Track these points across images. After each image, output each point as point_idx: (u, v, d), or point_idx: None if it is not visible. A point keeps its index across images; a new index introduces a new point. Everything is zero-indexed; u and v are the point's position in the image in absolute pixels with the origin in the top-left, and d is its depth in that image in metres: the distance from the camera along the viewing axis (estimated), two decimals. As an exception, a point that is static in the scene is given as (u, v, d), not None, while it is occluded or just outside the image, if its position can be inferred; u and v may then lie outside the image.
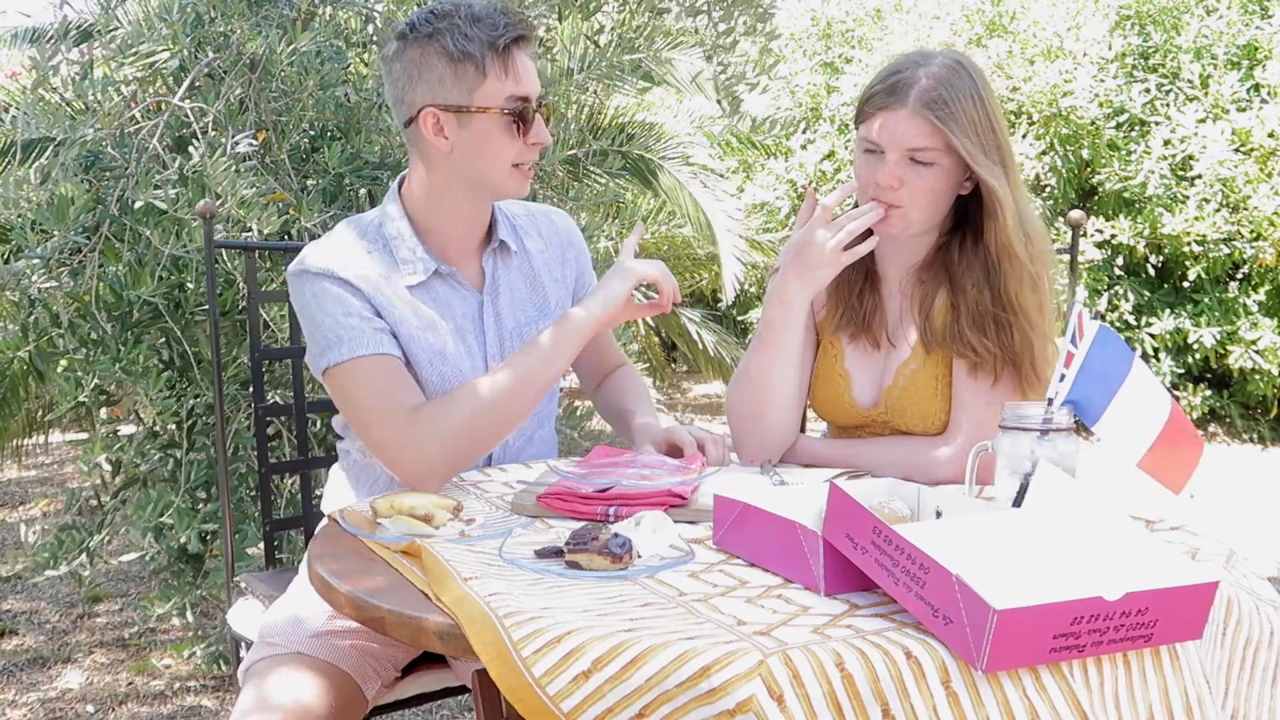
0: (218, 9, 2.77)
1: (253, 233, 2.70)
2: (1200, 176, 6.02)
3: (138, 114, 2.79)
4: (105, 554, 3.03)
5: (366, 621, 1.15)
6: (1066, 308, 1.61)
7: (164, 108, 2.80)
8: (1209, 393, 6.39)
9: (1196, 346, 6.17)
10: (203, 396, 2.76)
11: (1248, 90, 6.16)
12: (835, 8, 7.44)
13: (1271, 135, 5.96)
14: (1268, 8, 6.37)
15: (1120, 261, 6.38)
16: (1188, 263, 6.19)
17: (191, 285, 2.72)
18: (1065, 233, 5.93)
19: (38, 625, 3.54)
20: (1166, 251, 6.27)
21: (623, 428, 1.92)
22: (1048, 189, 6.37)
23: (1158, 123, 6.18)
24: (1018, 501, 1.27)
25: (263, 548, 2.18)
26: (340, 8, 3.06)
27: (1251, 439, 6.45)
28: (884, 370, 1.77)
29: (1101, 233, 6.23)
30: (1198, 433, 1.36)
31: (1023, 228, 1.65)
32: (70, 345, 2.68)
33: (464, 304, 1.74)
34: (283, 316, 2.72)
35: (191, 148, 2.66)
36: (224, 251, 2.69)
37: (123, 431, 2.97)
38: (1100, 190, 6.39)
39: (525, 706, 0.98)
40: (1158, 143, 6.10)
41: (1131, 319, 6.32)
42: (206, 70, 2.81)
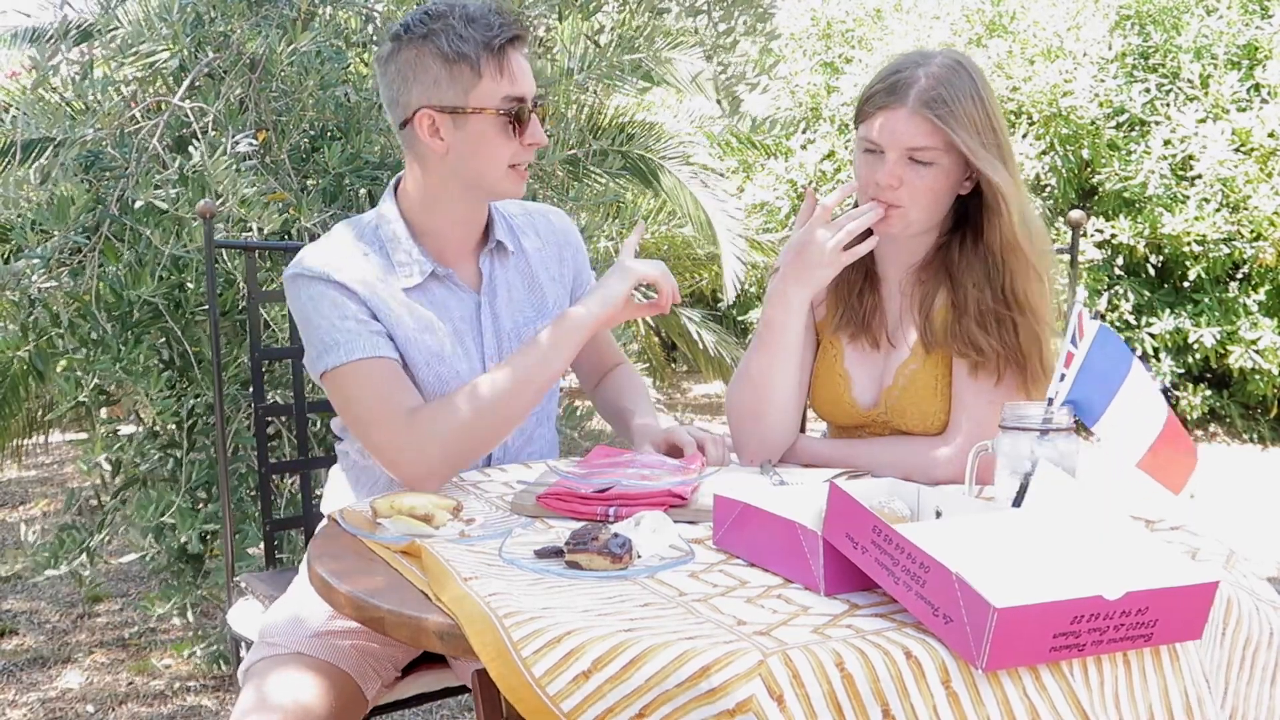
0: (218, 9, 2.77)
1: (253, 232, 2.70)
2: (1200, 176, 6.03)
3: (138, 114, 2.79)
4: (105, 554, 3.03)
5: (366, 621, 1.15)
6: (1066, 308, 1.61)
7: (164, 108, 2.80)
8: (1209, 393, 6.39)
9: (1196, 346, 6.17)
10: (203, 396, 2.76)
11: (1248, 90, 6.16)
12: (835, 8, 7.44)
13: (1271, 135, 5.96)
14: (1268, 8, 6.37)
15: (1120, 261, 6.38)
16: (1188, 263, 6.19)
17: (192, 285, 2.72)
18: (1065, 233, 5.93)
19: (38, 625, 3.54)
20: (1166, 251, 6.27)
21: (622, 427, 1.92)
22: (1048, 189, 6.37)
23: (1158, 123, 6.18)
24: (1018, 501, 1.27)
25: (263, 548, 2.18)
26: (340, 8, 3.05)
27: (1251, 439, 6.45)
28: (884, 370, 1.77)
29: (1101, 233, 6.23)
30: (1191, 441, 1.36)
31: (1026, 224, 1.66)
32: (70, 345, 2.68)
33: (461, 305, 1.74)
34: (283, 316, 2.72)
35: (191, 148, 2.66)
36: (224, 251, 2.69)
37: (123, 431, 2.97)
38: (1100, 190, 6.39)
39: (525, 706, 0.98)
40: (1158, 143, 6.10)
41: (1131, 319, 6.32)
42: (206, 70, 2.81)
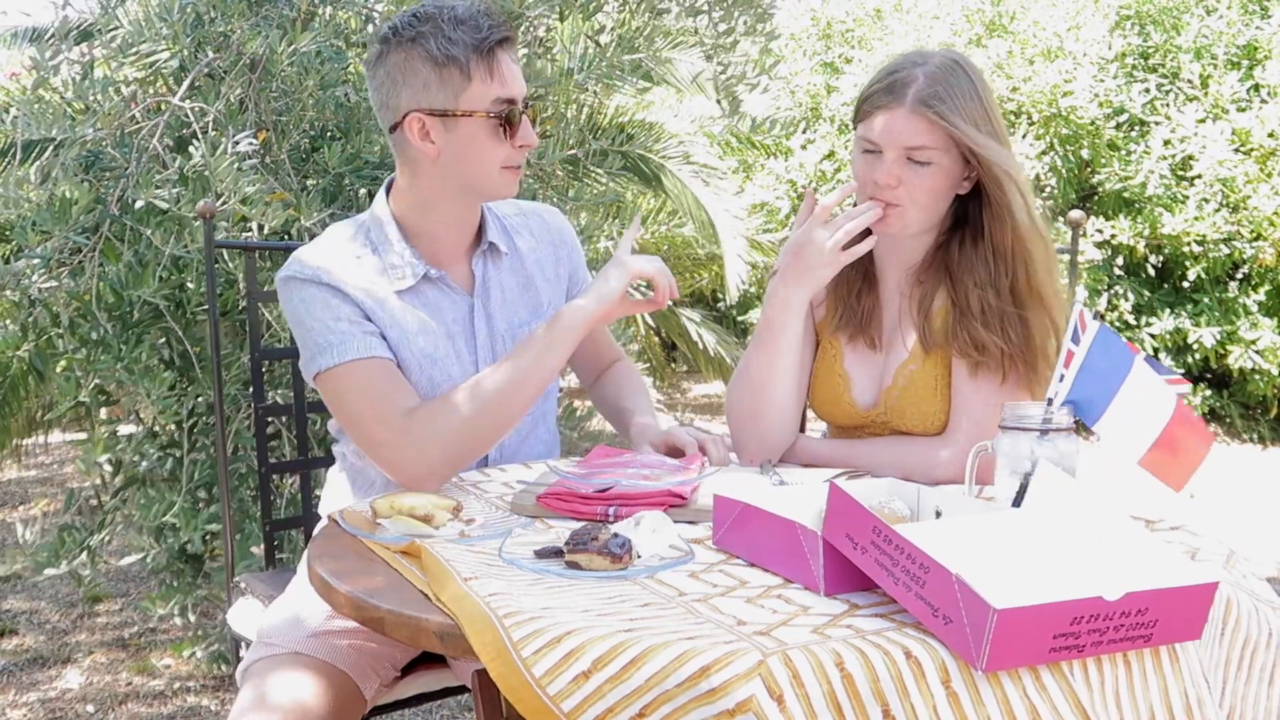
0: (218, 9, 2.77)
1: (253, 232, 2.70)
2: (1200, 176, 6.03)
3: (138, 114, 2.79)
4: (105, 554, 3.03)
5: (366, 621, 1.15)
6: (1067, 308, 1.61)
7: (164, 108, 2.79)
8: (1209, 393, 6.39)
9: (1196, 346, 6.17)
10: (204, 396, 2.76)
11: (1248, 90, 6.16)
12: (835, 8, 7.44)
13: (1271, 135, 5.96)
14: (1268, 8, 6.37)
15: (1120, 261, 6.38)
16: (1188, 263, 6.19)
17: (192, 285, 2.72)
18: (1065, 233, 5.91)
19: (38, 625, 3.54)
20: (1166, 251, 6.27)
21: (621, 427, 1.91)
22: (1048, 189, 6.37)
23: (1158, 123, 6.18)
24: (1018, 501, 1.27)
25: (263, 548, 2.18)
26: (340, 8, 3.05)
27: (1251, 439, 6.45)
28: (883, 371, 1.77)
29: (1101, 233, 6.23)
30: (1206, 428, 1.35)
31: (1034, 214, 1.65)
32: (70, 345, 2.68)
33: (454, 307, 1.73)
34: (283, 316, 2.72)
35: (192, 148, 2.66)
36: (224, 251, 2.69)
37: (122, 431, 2.96)
38: (1100, 190, 6.39)
39: (525, 706, 0.98)
40: (1158, 143, 6.10)
41: (1131, 319, 6.32)
42: (206, 70, 2.81)
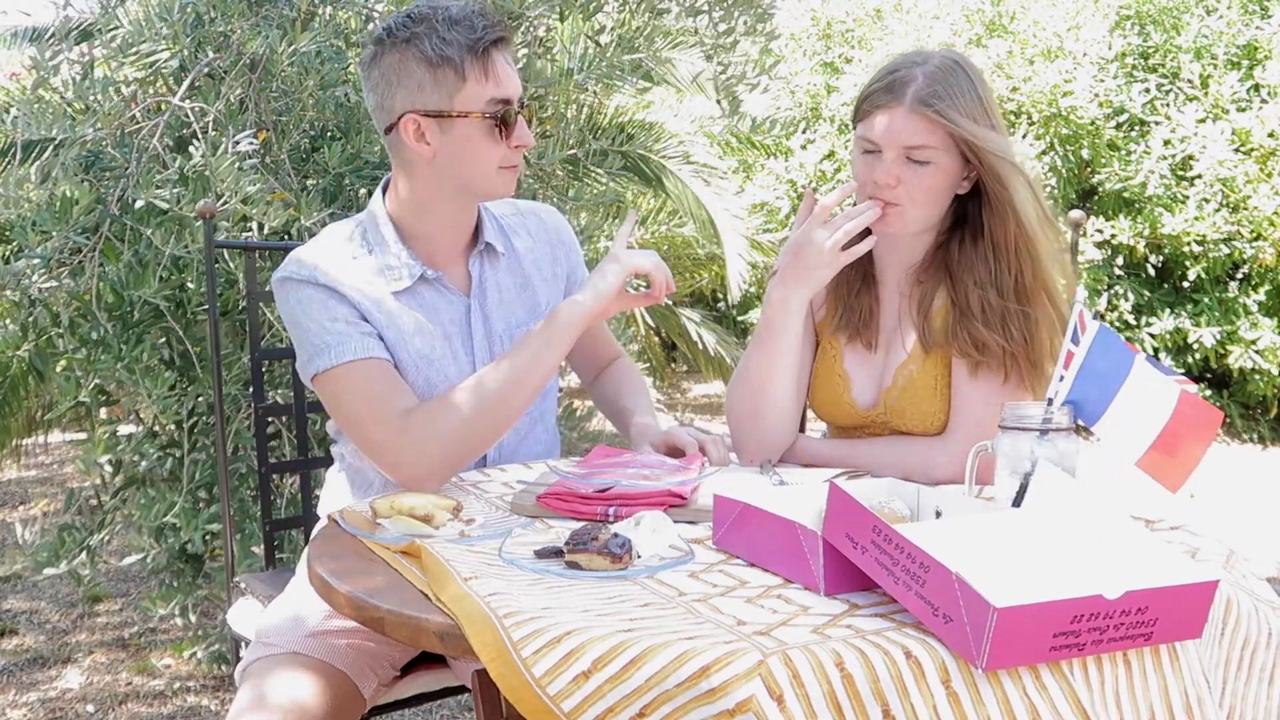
0: (218, 9, 2.77)
1: (253, 231, 2.70)
2: (1200, 176, 6.03)
3: (138, 114, 2.79)
4: (105, 554, 3.03)
5: (366, 621, 1.15)
6: (1067, 308, 1.61)
7: (164, 108, 2.79)
8: (1209, 393, 6.39)
9: (1196, 346, 6.17)
10: (204, 396, 2.76)
11: (1248, 90, 6.16)
12: (835, 8, 7.45)
13: (1271, 135, 5.96)
14: (1268, 8, 6.37)
15: (1120, 261, 6.38)
16: (1188, 263, 6.19)
17: (193, 285, 2.72)
18: (1065, 233, 5.92)
19: (38, 625, 3.54)
20: (1166, 251, 6.27)
21: (621, 426, 1.91)
22: (1048, 189, 6.36)
23: (1158, 123, 6.18)
24: (1018, 501, 1.27)
25: (263, 548, 2.18)
26: (340, 8, 3.05)
27: (1251, 439, 6.45)
28: (883, 371, 1.77)
29: (1101, 233, 6.23)
30: (1211, 423, 1.33)
31: (1038, 208, 1.65)
32: (70, 345, 2.68)
33: (451, 308, 1.73)
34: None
35: (192, 148, 2.66)
36: (225, 251, 2.69)
37: (122, 431, 2.96)
38: (1100, 190, 6.39)
39: (525, 706, 0.98)
40: (1158, 143, 6.10)
41: (1131, 319, 6.32)
42: (206, 70, 2.81)
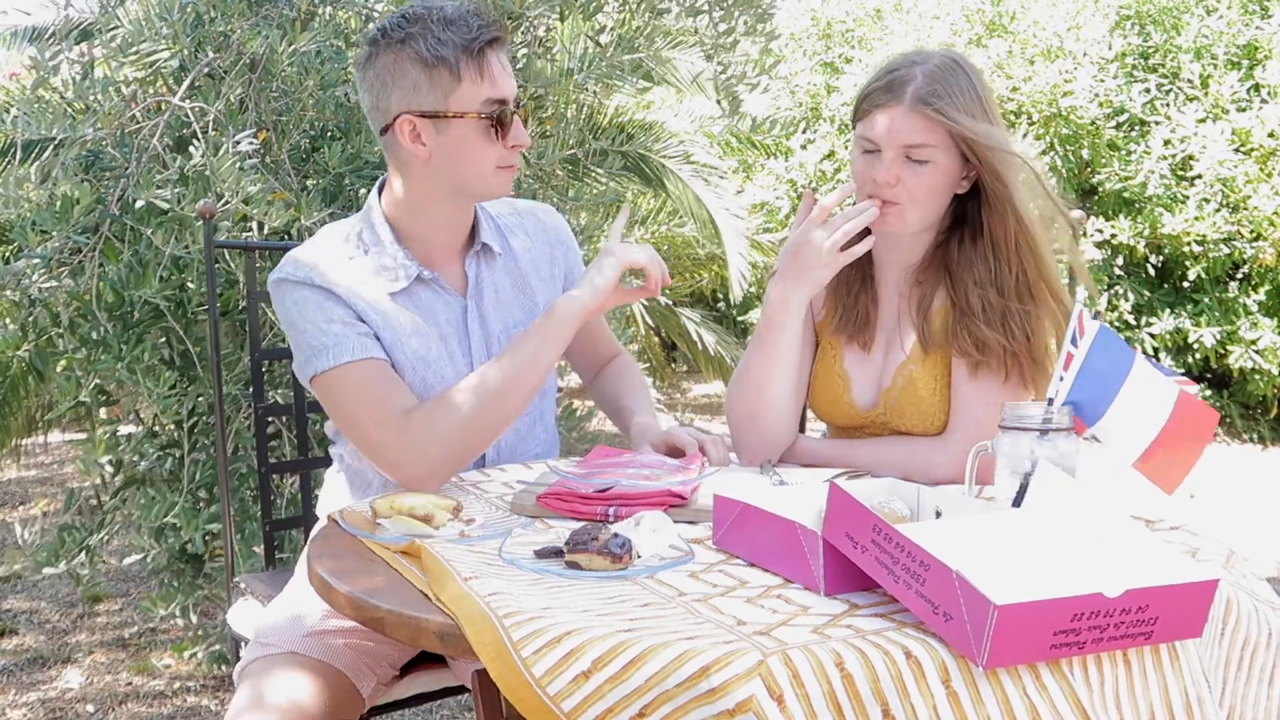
0: (218, 9, 2.77)
1: (253, 231, 2.70)
2: (1200, 176, 6.03)
3: (138, 114, 2.79)
4: (105, 554, 3.03)
5: (366, 621, 1.15)
6: (1071, 302, 1.61)
7: (164, 108, 2.79)
8: (1209, 393, 6.39)
9: (1196, 346, 6.17)
10: (205, 396, 2.76)
11: (1248, 90, 6.16)
12: (835, 8, 7.45)
13: (1271, 135, 5.96)
14: (1268, 8, 6.37)
15: (1120, 261, 6.38)
16: (1188, 263, 6.19)
17: (193, 285, 2.72)
18: (1066, 234, 5.92)
19: (38, 625, 3.54)
20: (1166, 251, 6.27)
21: (621, 426, 1.91)
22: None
23: (1158, 123, 6.18)
24: (1018, 501, 1.27)
25: (263, 548, 2.18)
26: (340, 8, 3.05)
27: (1251, 439, 6.45)
28: (882, 371, 1.77)
29: (1101, 233, 6.23)
30: (1208, 424, 1.34)
31: (1033, 207, 1.66)
32: (70, 345, 2.68)
33: (447, 309, 1.73)
34: (282, 317, 2.71)
35: (192, 148, 2.66)
36: (225, 251, 2.69)
37: (122, 431, 2.96)
38: (1100, 190, 6.39)
39: (525, 706, 0.98)
40: (1158, 143, 6.10)
41: (1131, 319, 6.32)
42: (206, 70, 2.81)
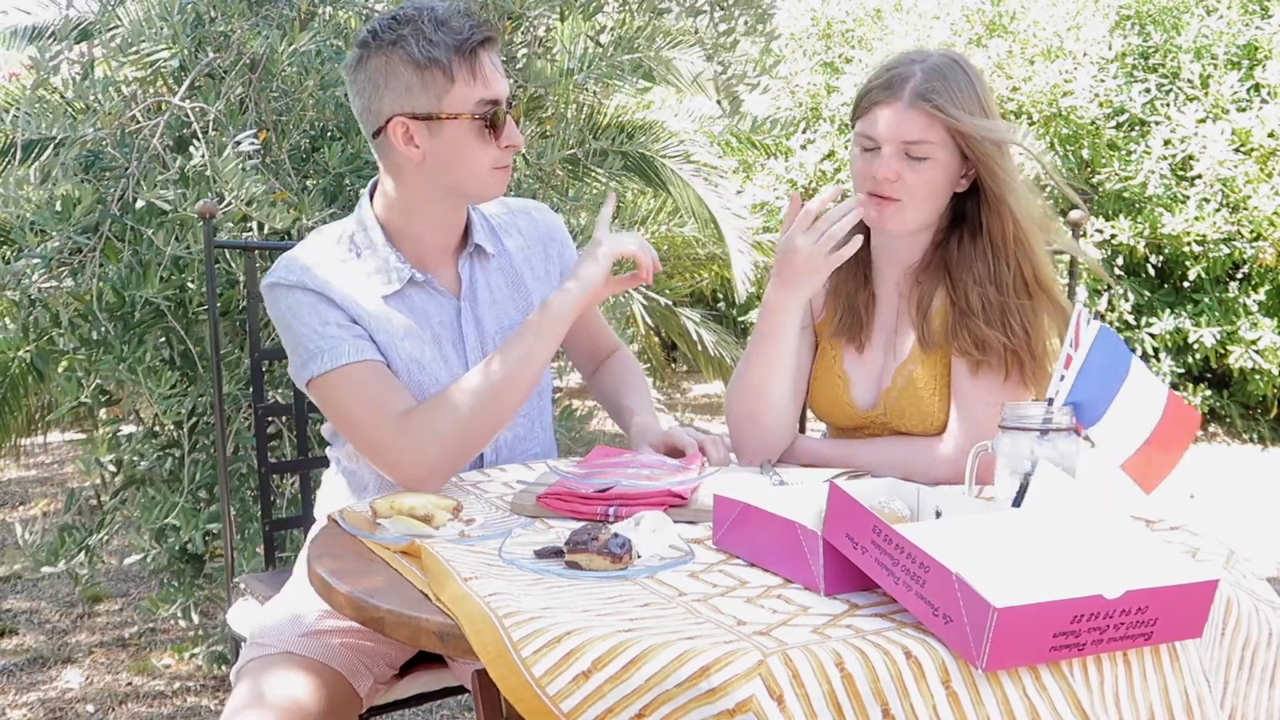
0: (218, 9, 2.77)
1: (253, 232, 2.70)
2: (1200, 176, 6.02)
3: (138, 114, 2.79)
4: (105, 554, 3.03)
5: (366, 621, 1.15)
6: (1067, 301, 1.61)
7: (164, 108, 2.79)
8: (1209, 393, 6.39)
9: (1196, 346, 6.17)
10: (205, 396, 2.76)
11: (1248, 90, 6.15)
12: (835, 8, 7.44)
13: (1271, 135, 5.96)
14: (1268, 8, 6.37)
15: (1120, 261, 6.38)
16: (1188, 263, 6.19)
17: (194, 285, 2.72)
18: (1065, 233, 5.92)
19: (38, 625, 3.54)
20: (1166, 251, 6.27)
21: (621, 425, 1.91)
22: (1048, 189, 6.36)
23: (1158, 123, 6.18)
24: (1018, 501, 1.27)
25: (263, 548, 2.18)
26: (340, 8, 3.05)
27: (1251, 439, 6.45)
28: (882, 371, 1.77)
29: (1101, 233, 6.23)
30: (1193, 417, 1.34)
31: (1031, 204, 1.66)
32: (71, 345, 2.68)
33: (441, 311, 1.72)
34: (280, 318, 2.71)
35: (192, 147, 2.66)
36: (226, 251, 2.69)
37: (123, 431, 2.96)
38: (1100, 190, 6.39)
39: (525, 706, 0.98)
40: (1158, 143, 6.10)
41: (1131, 319, 6.32)
42: (206, 70, 2.80)
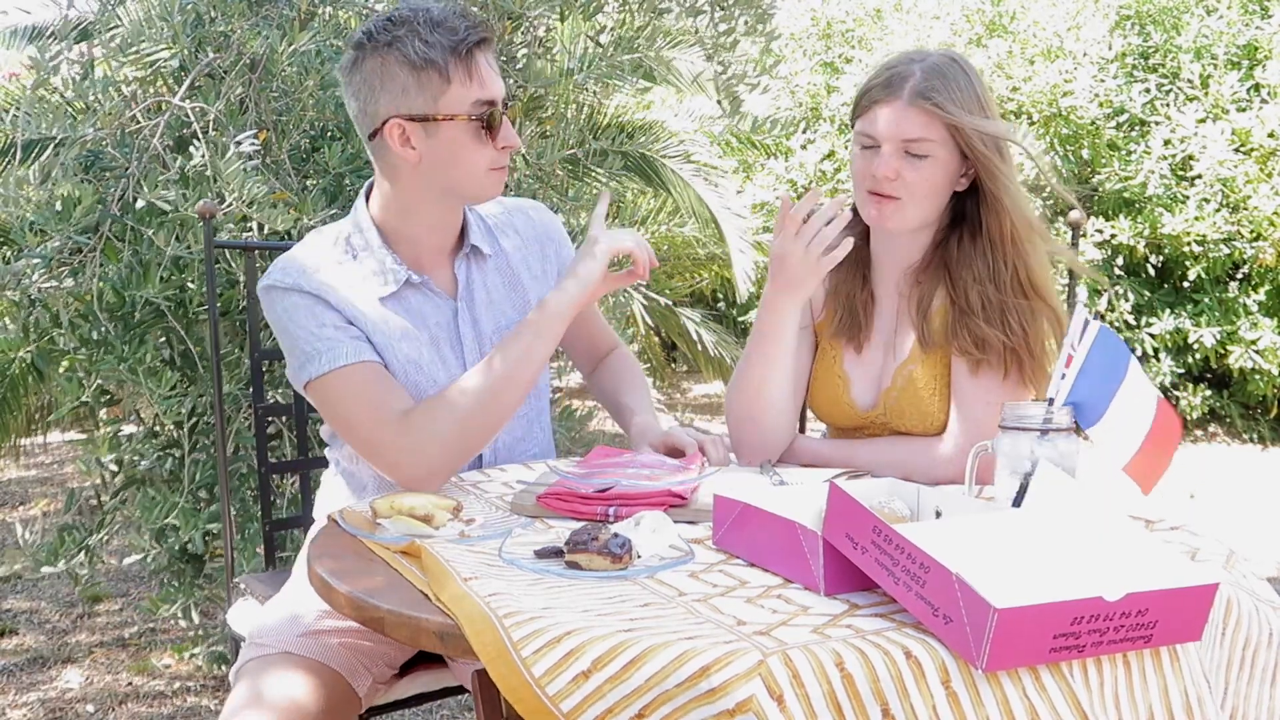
0: (218, 9, 2.77)
1: (254, 232, 2.70)
2: (1200, 176, 6.02)
3: (138, 114, 2.79)
4: (105, 554, 3.03)
5: (366, 621, 1.15)
6: (1067, 308, 1.61)
7: (164, 108, 2.79)
8: (1209, 393, 6.39)
9: (1196, 346, 6.17)
10: (206, 396, 2.76)
11: (1248, 90, 6.15)
12: (835, 8, 7.44)
13: (1271, 135, 5.96)
14: (1268, 8, 6.37)
15: (1120, 261, 6.38)
16: (1188, 263, 6.19)
17: (194, 285, 2.72)
18: (1065, 233, 5.93)
19: (38, 625, 3.54)
20: (1166, 251, 6.27)
21: (621, 425, 1.91)
22: (1048, 189, 6.37)
23: (1158, 123, 6.18)
24: (1018, 501, 1.27)
25: (263, 548, 2.18)
26: (340, 8, 3.05)
27: (1251, 439, 6.45)
28: (882, 372, 1.77)
29: (1101, 233, 6.23)
30: (1178, 423, 1.35)
31: (1029, 206, 1.67)
32: (71, 345, 2.68)
33: (438, 312, 1.72)
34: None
35: (192, 148, 2.66)
36: (226, 251, 2.69)
37: (123, 431, 2.96)
38: (1100, 190, 6.39)
39: (525, 706, 0.98)
40: (1158, 143, 6.09)
41: (1131, 319, 6.32)
42: (206, 70, 2.80)
